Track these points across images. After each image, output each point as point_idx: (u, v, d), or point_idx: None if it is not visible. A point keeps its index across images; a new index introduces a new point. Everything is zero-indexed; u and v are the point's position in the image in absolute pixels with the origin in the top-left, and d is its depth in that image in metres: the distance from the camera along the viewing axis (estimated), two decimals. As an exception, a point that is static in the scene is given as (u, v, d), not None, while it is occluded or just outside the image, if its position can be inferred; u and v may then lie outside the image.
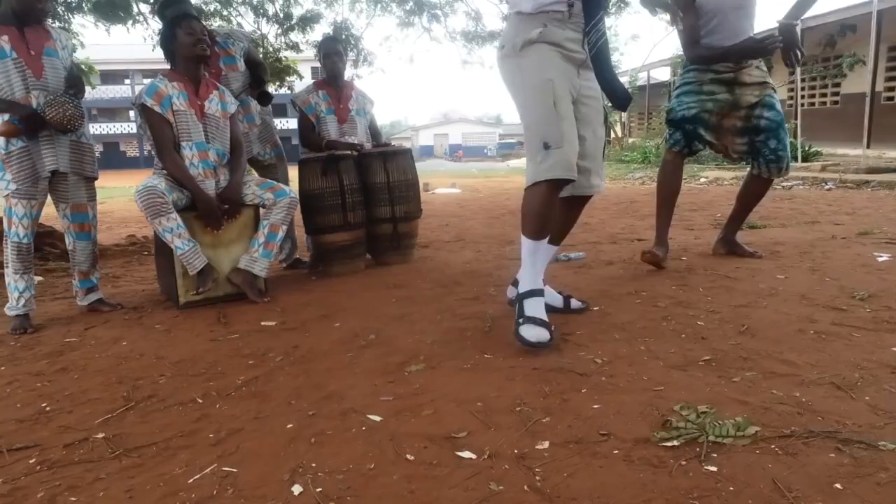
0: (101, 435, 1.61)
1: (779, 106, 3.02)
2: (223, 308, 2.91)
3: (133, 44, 12.69)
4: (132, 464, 1.44)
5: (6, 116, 2.69)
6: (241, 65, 3.57)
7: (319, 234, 3.57)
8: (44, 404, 1.86)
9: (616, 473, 1.26)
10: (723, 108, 2.99)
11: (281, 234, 3.14)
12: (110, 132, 39.97)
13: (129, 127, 38.07)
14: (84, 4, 7.43)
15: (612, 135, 24.55)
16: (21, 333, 2.72)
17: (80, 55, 7.76)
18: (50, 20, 6.62)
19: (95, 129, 40.37)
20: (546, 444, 1.40)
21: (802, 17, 12.81)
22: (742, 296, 2.50)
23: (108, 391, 1.94)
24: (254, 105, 3.69)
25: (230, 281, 3.07)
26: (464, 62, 11.00)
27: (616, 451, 1.35)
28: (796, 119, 14.65)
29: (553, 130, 2.07)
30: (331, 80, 3.92)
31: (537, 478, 1.26)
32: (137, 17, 8.02)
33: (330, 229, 3.51)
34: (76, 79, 2.90)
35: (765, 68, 3.05)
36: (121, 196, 13.21)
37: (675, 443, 1.35)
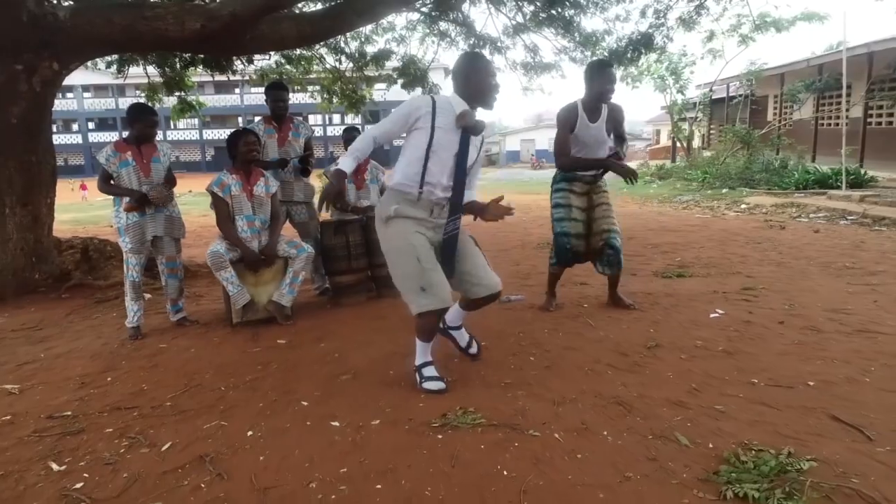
0: (169, 403, 3.09)
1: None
2: (258, 329, 4.39)
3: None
4: (181, 418, 2.91)
5: (127, 199, 4.31)
6: (301, 143, 5.27)
7: (333, 276, 5.03)
8: (143, 385, 3.38)
9: (397, 436, 2.58)
10: (586, 220, 4.15)
11: (301, 277, 4.61)
12: (222, 137, 43.85)
13: (237, 133, 41.55)
14: (195, 61, 9.56)
15: (682, 149, 24.87)
16: (134, 339, 4.32)
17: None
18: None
19: (208, 134, 44.40)
20: (378, 421, 2.74)
21: (868, 42, 12.92)
22: (582, 341, 3.69)
23: (177, 380, 3.44)
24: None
25: (266, 309, 4.56)
26: (524, 89, 12.38)
27: (407, 427, 2.66)
28: (861, 144, 14.80)
29: (424, 278, 2.86)
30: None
31: (359, 436, 2.60)
32: (236, 68, 10.13)
33: (339, 272, 4.96)
34: (171, 176, 4.48)
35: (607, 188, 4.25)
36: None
37: (436, 424, 2.65)
